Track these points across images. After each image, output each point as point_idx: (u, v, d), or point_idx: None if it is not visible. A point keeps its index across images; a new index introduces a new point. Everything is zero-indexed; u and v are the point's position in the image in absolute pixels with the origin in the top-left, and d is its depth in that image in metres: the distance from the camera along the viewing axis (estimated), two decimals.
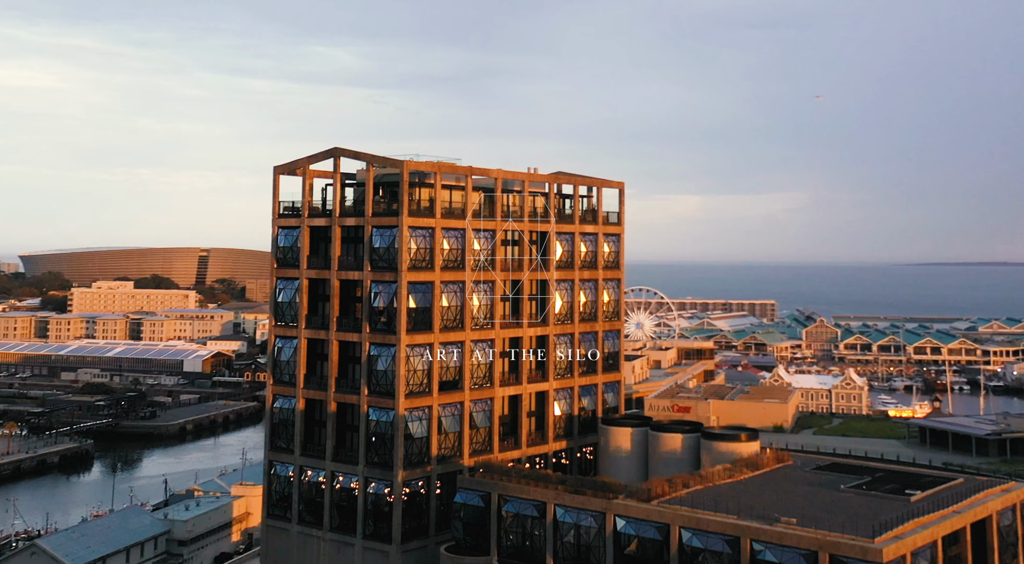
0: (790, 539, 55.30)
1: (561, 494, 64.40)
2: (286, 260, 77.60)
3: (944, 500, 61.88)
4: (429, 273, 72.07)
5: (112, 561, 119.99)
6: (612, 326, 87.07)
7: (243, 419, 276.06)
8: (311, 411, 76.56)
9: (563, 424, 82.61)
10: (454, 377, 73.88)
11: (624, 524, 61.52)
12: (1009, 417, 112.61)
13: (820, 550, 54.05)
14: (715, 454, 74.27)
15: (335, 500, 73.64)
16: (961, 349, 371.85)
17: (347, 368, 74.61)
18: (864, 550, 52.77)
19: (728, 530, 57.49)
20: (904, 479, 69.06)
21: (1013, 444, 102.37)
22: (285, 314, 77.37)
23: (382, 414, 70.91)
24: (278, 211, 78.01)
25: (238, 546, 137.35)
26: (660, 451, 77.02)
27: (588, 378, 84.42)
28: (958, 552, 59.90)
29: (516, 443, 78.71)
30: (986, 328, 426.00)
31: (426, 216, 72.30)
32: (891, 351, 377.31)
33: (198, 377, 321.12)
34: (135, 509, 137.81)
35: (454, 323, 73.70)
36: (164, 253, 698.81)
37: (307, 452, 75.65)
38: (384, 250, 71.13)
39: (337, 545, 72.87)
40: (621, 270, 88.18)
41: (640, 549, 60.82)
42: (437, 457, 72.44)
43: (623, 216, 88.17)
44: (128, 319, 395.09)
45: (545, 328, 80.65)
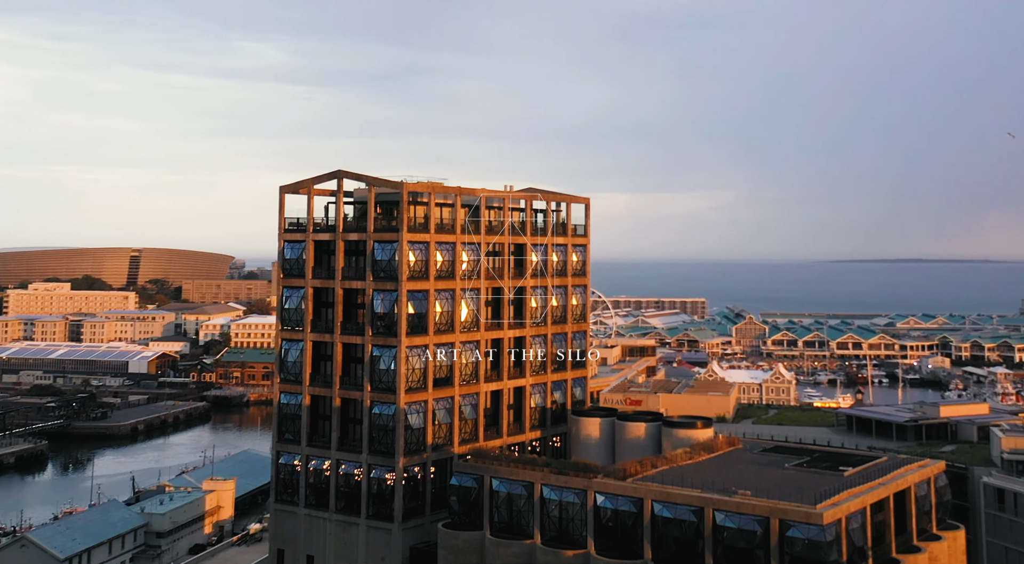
0: (746, 508, 65.76)
1: (547, 475, 74.02)
2: (292, 271, 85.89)
3: (871, 475, 73.05)
4: (424, 282, 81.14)
5: (96, 553, 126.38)
6: (579, 327, 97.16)
7: (193, 419, 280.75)
8: (315, 406, 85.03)
9: (537, 415, 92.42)
10: (446, 374, 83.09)
11: (603, 499, 71.37)
12: (925, 406, 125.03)
13: (771, 516, 64.58)
14: (675, 440, 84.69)
15: (339, 485, 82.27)
16: (880, 344, 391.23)
17: (349, 367, 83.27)
18: (807, 515, 63.44)
19: (693, 502, 67.72)
20: (837, 458, 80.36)
21: (928, 429, 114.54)
22: (291, 319, 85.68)
23: (384, 408, 79.82)
24: (283, 226, 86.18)
25: (210, 538, 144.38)
26: (626, 438, 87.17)
27: (559, 374, 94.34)
28: (883, 517, 70.97)
29: (498, 433, 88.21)
30: (903, 324, 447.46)
31: (422, 232, 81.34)
32: (815, 346, 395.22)
33: (144, 378, 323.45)
34: (114, 503, 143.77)
35: (446, 326, 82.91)
36: (94, 253, 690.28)
37: (313, 443, 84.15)
38: (385, 262, 79.98)
39: (343, 525, 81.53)
40: (587, 277, 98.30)
41: (617, 520, 70.78)
42: (432, 445, 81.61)
43: (589, 228, 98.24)
44: (68, 321, 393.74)
45: (522, 330, 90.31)
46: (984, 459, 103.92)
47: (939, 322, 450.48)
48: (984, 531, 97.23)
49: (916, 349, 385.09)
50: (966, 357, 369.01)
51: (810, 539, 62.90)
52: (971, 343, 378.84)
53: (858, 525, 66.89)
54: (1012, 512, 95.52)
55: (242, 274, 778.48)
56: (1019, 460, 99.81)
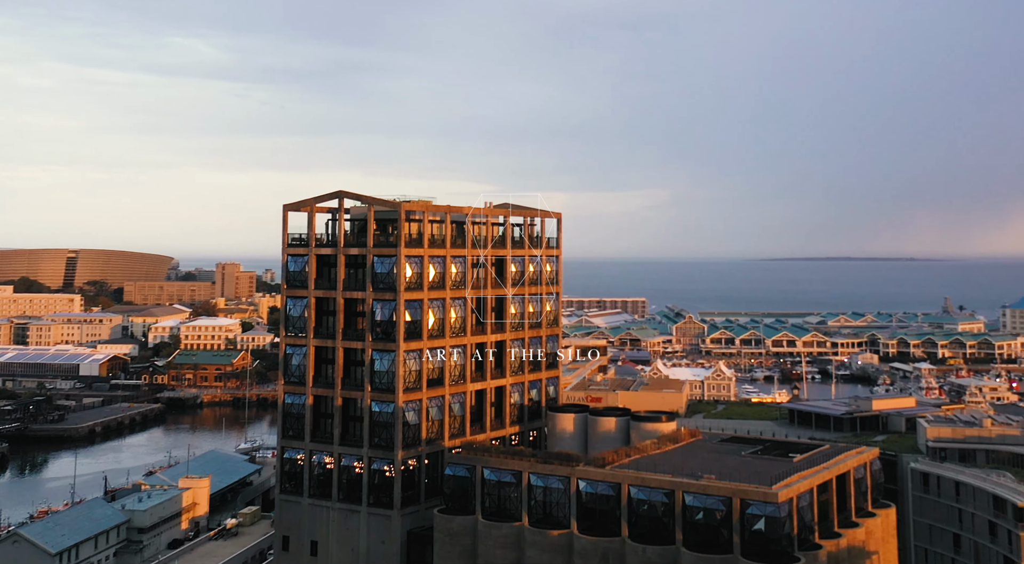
0: (711, 490, 75.65)
1: (534, 464, 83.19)
2: (294, 282, 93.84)
3: (816, 460, 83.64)
4: (419, 292, 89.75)
5: (83, 548, 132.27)
6: (552, 332, 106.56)
7: (148, 420, 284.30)
8: (317, 406, 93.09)
9: (516, 412, 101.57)
10: (437, 376, 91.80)
11: (585, 485, 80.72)
12: (858, 400, 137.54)
13: (734, 496, 74.52)
14: (642, 432, 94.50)
15: (341, 477, 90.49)
16: (813, 342, 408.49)
17: (349, 370, 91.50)
18: (765, 494, 73.58)
19: (665, 485, 77.43)
20: (786, 447, 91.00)
21: (862, 421, 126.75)
22: (295, 326, 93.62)
23: (383, 406, 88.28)
24: (287, 241, 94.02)
25: (187, 533, 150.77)
26: (598, 431, 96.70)
27: (535, 374, 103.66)
28: (827, 497, 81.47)
29: (482, 428, 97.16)
30: (834, 322, 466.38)
31: (416, 247, 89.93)
32: (752, 344, 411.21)
33: (95, 381, 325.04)
34: (97, 501, 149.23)
35: (437, 332, 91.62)
36: (29, 254, 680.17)
37: (315, 438, 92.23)
38: (384, 275, 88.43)
39: (345, 513, 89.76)
40: (559, 285, 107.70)
41: (598, 503, 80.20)
42: (425, 440, 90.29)
43: (560, 241, 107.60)
44: (12, 324, 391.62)
45: (503, 334, 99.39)
46: (911, 447, 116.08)
47: (868, 320, 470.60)
48: (911, 511, 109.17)
49: (846, 346, 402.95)
50: (893, 353, 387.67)
51: (767, 515, 72.99)
52: (898, 340, 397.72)
53: (807, 503, 77.24)
54: (936, 494, 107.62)
55: (179, 275, 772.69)
56: (942, 448, 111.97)
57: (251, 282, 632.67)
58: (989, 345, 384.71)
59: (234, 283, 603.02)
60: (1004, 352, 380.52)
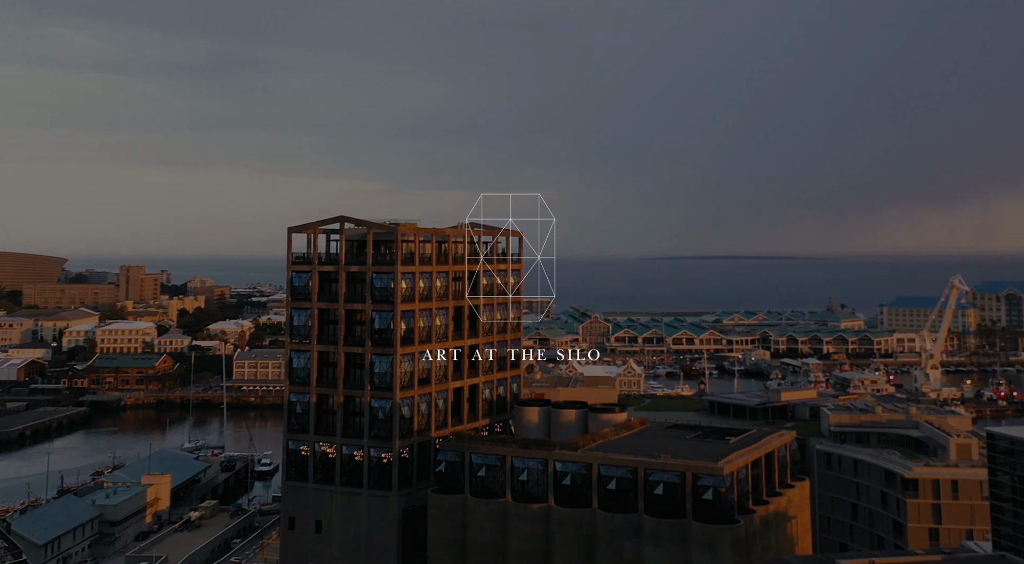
0: (668, 466, 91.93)
1: (516, 449, 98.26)
2: (299, 295, 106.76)
3: (748, 441, 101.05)
4: (411, 304, 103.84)
5: (64, 539, 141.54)
6: (515, 335, 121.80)
7: (75, 423, 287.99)
8: (320, 403, 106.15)
9: (487, 406, 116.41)
10: (426, 375, 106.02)
11: (561, 466, 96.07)
12: (769, 392, 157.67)
13: (687, 471, 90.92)
14: (599, 422, 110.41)
15: (343, 464, 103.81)
16: (711, 339, 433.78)
17: (349, 372, 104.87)
18: (712, 469, 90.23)
19: (629, 464, 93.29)
20: (721, 432, 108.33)
21: (773, 411, 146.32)
22: (299, 334, 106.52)
23: (382, 403, 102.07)
24: (291, 259, 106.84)
25: (152, 526, 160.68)
26: (560, 421, 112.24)
27: (502, 373, 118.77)
28: (758, 471, 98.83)
29: (460, 420, 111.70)
30: (729, 320, 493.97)
31: (409, 264, 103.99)
32: (654, 342, 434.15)
33: (13, 385, 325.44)
34: (71, 497, 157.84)
35: (426, 338, 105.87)
36: None
37: (319, 432, 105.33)
38: (382, 289, 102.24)
39: (347, 495, 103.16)
40: (520, 294, 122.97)
41: (572, 480, 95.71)
42: (416, 431, 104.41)
43: (522, 255, 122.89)
44: None
45: (477, 339, 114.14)
46: (816, 432, 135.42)
47: (760, 318, 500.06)
48: (817, 485, 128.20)
49: (741, 344, 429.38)
50: (783, 349, 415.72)
51: (715, 486, 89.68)
52: (787, 337, 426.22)
53: (744, 477, 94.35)
54: (837, 470, 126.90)
55: (70, 277, 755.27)
56: (842, 431, 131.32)
57: (155, 284, 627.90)
58: (869, 341, 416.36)
59: (139, 286, 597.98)
60: (882, 348, 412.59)
